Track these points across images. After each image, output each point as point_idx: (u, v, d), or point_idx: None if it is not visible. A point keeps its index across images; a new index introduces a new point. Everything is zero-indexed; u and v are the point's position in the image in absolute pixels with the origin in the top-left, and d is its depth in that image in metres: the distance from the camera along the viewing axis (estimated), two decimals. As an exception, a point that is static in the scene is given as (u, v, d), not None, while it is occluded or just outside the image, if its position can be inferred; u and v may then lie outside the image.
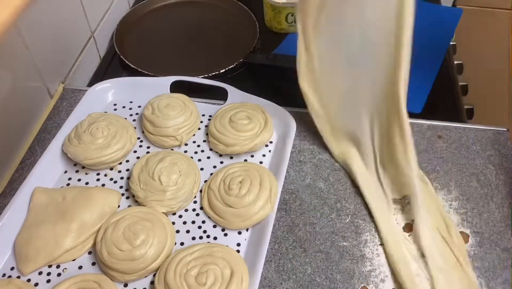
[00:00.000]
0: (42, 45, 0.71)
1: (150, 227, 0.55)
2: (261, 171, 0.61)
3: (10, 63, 0.65)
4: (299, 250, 0.59)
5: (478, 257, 0.58)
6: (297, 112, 0.74)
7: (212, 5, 1.00)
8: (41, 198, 0.60)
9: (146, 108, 0.69)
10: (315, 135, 0.71)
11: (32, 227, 0.57)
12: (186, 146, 0.68)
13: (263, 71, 0.87)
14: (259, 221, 0.58)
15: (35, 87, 0.72)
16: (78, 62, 0.82)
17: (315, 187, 0.65)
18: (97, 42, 0.88)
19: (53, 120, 0.73)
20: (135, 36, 0.93)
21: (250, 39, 0.91)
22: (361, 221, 0.62)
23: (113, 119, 0.67)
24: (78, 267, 0.56)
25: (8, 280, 0.53)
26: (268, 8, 0.92)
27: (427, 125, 0.73)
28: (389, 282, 0.56)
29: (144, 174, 0.60)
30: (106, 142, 0.64)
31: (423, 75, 0.83)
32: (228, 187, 0.60)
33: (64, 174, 0.65)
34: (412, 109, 0.76)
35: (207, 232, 0.59)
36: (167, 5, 1.01)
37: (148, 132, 0.68)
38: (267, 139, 0.67)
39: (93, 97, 0.72)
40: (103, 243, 0.54)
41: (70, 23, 0.79)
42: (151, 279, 0.55)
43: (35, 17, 0.68)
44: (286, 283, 0.56)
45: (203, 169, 0.66)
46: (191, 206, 0.62)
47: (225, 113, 0.68)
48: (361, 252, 0.59)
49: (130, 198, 0.62)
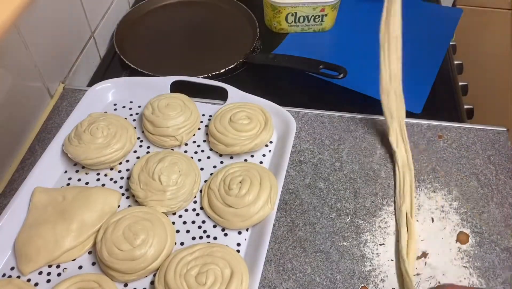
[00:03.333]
0: (42, 45, 0.71)
1: (150, 227, 0.55)
2: (261, 171, 0.61)
3: (10, 63, 0.65)
4: (299, 250, 0.59)
5: (478, 257, 0.58)
6: (297, 112, 0.74)
7: (212, 5, 1.00)
8: (41, 198, 0.60)
9: (146, 108, 0.69)
10: (315, 135, 0.71)
11: (32, 227, 0.57)
12: (186, 146, 0.68)
13: (263, 71, 0.87)
14: (259, 221, 0.58)
15: (35, 87, 0.72)
16: (78, 62, 0.82)
17: (315, 187, 0.65)
18: (97, 42, 0.88)
19: (53, 120, 0.73)
20: (135, 36, 0.93)
21: (250, 39, 0.91)
22: (361, 221, 0.62)
23: (113, 119, 0.67)
24: (78, 267, 0.56)
25: (8, 280, 0.53)
26: (268, 8, 0.92)
27: (427, 125, 0.73)
28: (389, 282, 0.56)
29: (144, 173, 0.60)
30: (106, 142, 0.64)
31: (423, 75, 0.83)
32: (228, 187, 0.60)
33: (64, 174, 0.65)
34: (412, 109, 0.77)
35: (207, 232, 0.59)
36: (167, 5, 1.01)
37: (148, 132, 0.68)
38: (267, 139, 0.67)
39: (93, 97, 0.72)
40: (103, 243, 0.54)
41: (70, 23, 0.79)
42: (151, 279, 0.55)
43: (35, 17, 0.68)
44: (286, 283, 0.56)
45: (203, 169, 0.66)
46: (191, 206, 0.62)
47: (225, 113, 0.68)
48: (361, 252, 0.59)
49: (130, 198, 0.62)
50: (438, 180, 0.66)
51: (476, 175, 0.67)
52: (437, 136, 0.72)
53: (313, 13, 0.91)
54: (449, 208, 0.63)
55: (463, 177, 0.66)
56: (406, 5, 1.00)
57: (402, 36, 0.93)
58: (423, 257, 0.58)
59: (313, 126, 0.73)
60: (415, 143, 0.70)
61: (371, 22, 0.97)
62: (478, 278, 0.56)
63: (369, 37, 0.93)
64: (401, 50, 0.69)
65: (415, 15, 0.99)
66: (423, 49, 0.89)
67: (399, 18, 0.69)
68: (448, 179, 0.66)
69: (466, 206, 0.63)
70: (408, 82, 0.83)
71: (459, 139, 0.71)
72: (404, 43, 0.92)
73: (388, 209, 0.63)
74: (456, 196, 0.64)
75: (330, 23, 0.94)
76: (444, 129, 0.73)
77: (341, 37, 0.94)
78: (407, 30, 0.94)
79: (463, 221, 0.62)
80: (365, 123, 0.73)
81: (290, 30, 0.94)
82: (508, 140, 0.71)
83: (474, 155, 0.69)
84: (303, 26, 0.93)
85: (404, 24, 0.96)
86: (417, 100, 0.78)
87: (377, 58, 0.88)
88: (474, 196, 0.64)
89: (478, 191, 0.65)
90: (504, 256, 0.58)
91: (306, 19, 0.92)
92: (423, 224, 0.61)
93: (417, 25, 0.96)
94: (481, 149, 0.70)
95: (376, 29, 0.95)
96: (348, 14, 0.97)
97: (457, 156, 0.69)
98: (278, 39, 0.92)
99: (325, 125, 0.73)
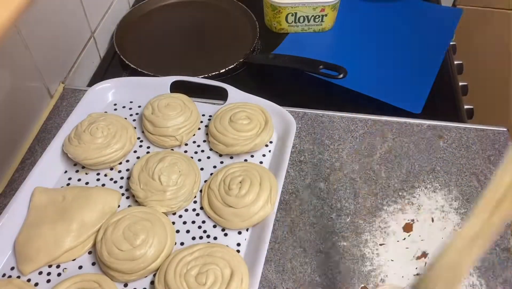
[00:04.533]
0: (42, 45, 0.71)
1: (150, 227, 0.55)
2: (261, 171, 0.61)
3: (10, 63, 0.65)
4: (299, 250, 0.59)
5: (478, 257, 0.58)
6: (297, 112, 0.74)
7: (212, 5, 1.00)
8: (41, 198, 0.60)
9: (146, 108, 0.69)
10: (315, 135, 0.71)
11: (32, 227, 0.57)
12: (186, 146, 0.68)
13: (263, 71, 0.87)
14: (259, 221, 0.58)
15: (35, 87, 0.72)
16: (78, 62, 0.82)
17: (315, 187, 0.65)
18: (97, 42, 0.88)
19: (53, 120, 0.73)
20: (135, 36, 0.93)
21: (250, 39, 0.91)
22: (361, 221, 0.62)
23: (113, 119, 0.67)
24: (78, 267, 0.56)
25: (8, 280, 0.53)
26: (268, 8, 0.92)
27: (427, 125, 0.73)
28: (389, 282, 0.56)
29: (144, 174, 0.60)
30: (106, 142, 0.64)
31: (423, 75, 0.83)
32: (228, 187, 0.60)
33: (64, 174, 0.65)
34: (412, 109, 0.77)
35: (207, 232, 0.59)
36: (167, 5, 1.01)
37: (148, 132, 0.68)
38: (267, 139, 0.67)
39: (93, 97, 0.72)
40: (103, 243, 0.54)
41: (70, 23, 0.79)
42: (151, 279, 0.55)
43: (35, 17, 0.68)
44: (286, 283, 0.56)
45: (203, 169, 0.66)
46: (191, 206, 0.62)
47: (225, 113, 0.68)
48: (361, 252, 0.59)
49: (130, 198, 0.62)
50: (438, 180, 0.66)
51: (476, 175, 0.67)
52: (437, 136, 0.72)
53: (313, 13, 0.91)
54: (449, 208, 0.63)
55: (463, 177, 0.66)
56: (406, 5, 1.01)
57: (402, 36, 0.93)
58: (423, 257, 0.58)
59: (313, 126, 0.73)
60: (415, 143, 0.70)
61: (371, 22, 0.98)
62: (478, 278, 0.56)
63: (369, 37, 0.94)
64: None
65: (415, 15, 0.99)
66: (423, 49, 0.89)
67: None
68: (448, 179, 0.66)
69: (466, 206, 0.63)
70: (408, 82, 0.83)
71: (459, 140, 0.71)
72: (404, 43, 0.92)
73: (388, 209, 0.63)
74: (456, 196, 0.64)
75: (330, 23, 0.94)
76: (444, 129, 0.73)
77: (341, 37, 0.94)
78: (407, 30, 0.95)
79: (463, 221, 0.62)
80: (365, 123, 0.73)
81: (290, 30, 0.94)
82: (508, 140, 0.71)
83: (474, 155, 0.69)
84: (303, 26, 0.93)
85: (404, 24, 0.97)
86: (417, 100, 0.78)
87: (377, 58, 0.88)
88: (474, 196, 0.64)
89: (478, 191, 0.65)
90: (504, 256, 0.58)
91: (306, 19, 0.92)
92: (423, 224, 0.61)
93: (417, 25, 0.96)
94: (481, 149, 0.70)
95: (376, 29, 0.95)
96: (348, 14, 0.97)
97: (457, 156, 0.69)
98: (278, 39, 0.92)
99: (325, 125, 0.73)
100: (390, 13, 0.98)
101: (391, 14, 0.98)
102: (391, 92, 0.80)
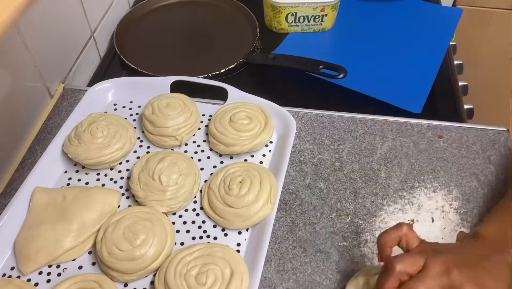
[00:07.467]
0: (42, 45, 0.71)
1: (150, 227, 0.55)
2: (261, 171, 0.61)
3: (10, 63, 0.65)
4: (299, 250, 0.59)
5: (478, 257, 0.58)
6: (297, 112, 0.74)
7: (212, 5, 1.00)
8: (41, 198, 0.60)
9: (146, 108, 0.69)
10: (315, 135, 0.71)
11: (32, 227, 0.57)
12: (186, 146, 0.68)
13: (263, 71, 0.87)
14: (259, 221, 0.58)
15: (35, 87, 0.72)
16: (78, 62, 0.82)
17: (315, 187, 0.65)
18: (97, 42, 0.88)
19: (53, 120, 0.73)
20: (135, 36, 0.93)
21: (250, 39, 0.91)
22: (361, 221, 0.62)
23: (113, 119, 0.67)
24: (78, 267, 0.56)
25: (8, 280, 0.53)
26: (268, 8, 0.92)
27: (427, 125, 0.73)
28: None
29: (144, 173, 0.60)
30: (106, 142, 0.64)
31: (423, 75, 0.83)
32: (228, 187, 0.60)
33: (64, 174, 0.65)
34: (412, 109, 0.77)
35: (207, 232, 0.59)
36: (167, 5, 1.01)
37: (148, 132, 0.68)
38: (267, 139, 0.67)
39: (93, 97, 0.72)
40: (103, 243, 0.54)
41: (70, 23, 0.79)
42: (151, 279, 0.55)
43: (35, 17, 0.68)
44: (286, 283, 0.56)
45: (203, 169, 0.66)
46: (191, 206, 0.62)
47: (225, 113, 0.68)
48: (361, 252, 0.59)
49: (130, 198, 0.62)
50: (438, 180, 0.66)
51: (476, 175, 0.67)
52: (437, 136, 0.72)
53: (313, 13, 0.91)
54: (449, 208, 0.63)
55: (463, 177, 0.66)
56: (406, 5, 1.01)
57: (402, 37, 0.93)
58: (423, 257, 0.58)
59: (313, 126, 0.73)
60: (415, 143, 0.70)
61: (371, 22, 0.98)
62: (478, 278, 0.56)
63: (369, 37, 0.94)
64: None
65: (415, 15, 0.99)
66: (423, 49, 0.89)
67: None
68: (448, 179, 0.66)
69: (466, 206, 0.63)
70: (408, 82, 0.83)
71: (459, 140, 0.71)
72: (404, 43, 0.92)
73: (388, 209, 0.63)
74: (456, 196, 0.64)
75: (330, 23, 0.94)
76: (444, 129, 0.72)
77: (341, 37, 0.94)
78: (407, 30, 0.95)
79: (463, 221, 0.62)
80: (365, 123, 0.73)
81: (290, 30, 0.94)
82: (508, 140, 0.71)
83: (474, 155, 0.69)
84: (303, 26, 0.93)
85: (404, 24, 0.97)
86: (417, 100, 0.78)
87: (377, 58, 0.88)
88: (474, 196, 0.64)
89: (478, 191, 0.65)
90: (504, 256, 0.58)
91: (306, 19, 0.92)
92: (423, 224, 0.61)
93: (417, 25, 0.96)
94: (481, 149, 0.70)
95: (376, 29, 0.95)
96: (348, 14, 0.97)
97: (457, 156, 0.69)
98: (278, 39, 0.92)
99: (325, 125, 0.73)
100: (390, 13, 0.99)
101: (391, 14, 0.98)
102: (391, 92, 0.80)
